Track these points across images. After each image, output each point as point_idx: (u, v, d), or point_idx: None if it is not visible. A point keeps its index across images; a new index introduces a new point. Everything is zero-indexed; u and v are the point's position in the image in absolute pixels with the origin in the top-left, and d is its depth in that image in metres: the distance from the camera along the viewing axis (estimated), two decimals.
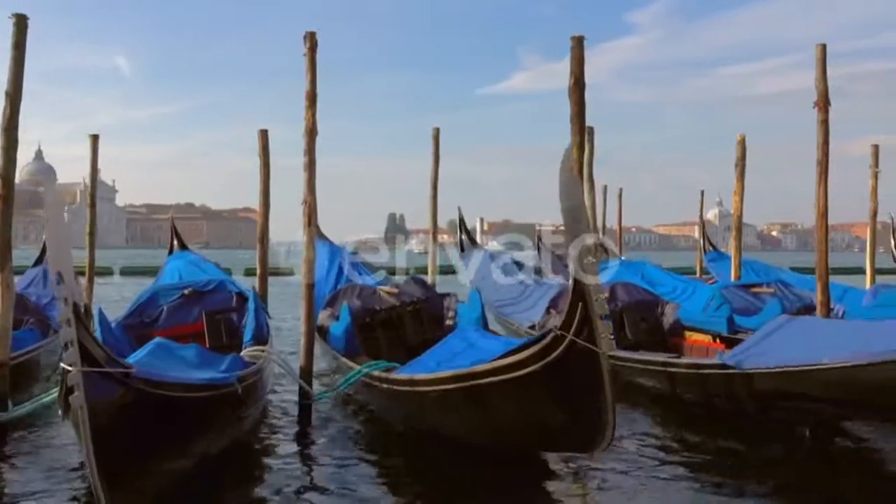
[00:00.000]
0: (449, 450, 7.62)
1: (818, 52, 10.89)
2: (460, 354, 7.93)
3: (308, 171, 9.59)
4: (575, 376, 6.16)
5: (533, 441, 6.92)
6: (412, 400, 7.84)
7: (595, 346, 5.97)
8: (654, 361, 10.09)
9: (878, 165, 17.96)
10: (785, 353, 8.27)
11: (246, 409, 7.91)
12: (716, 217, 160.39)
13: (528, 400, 6.48)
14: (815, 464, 7.90)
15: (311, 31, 9.58)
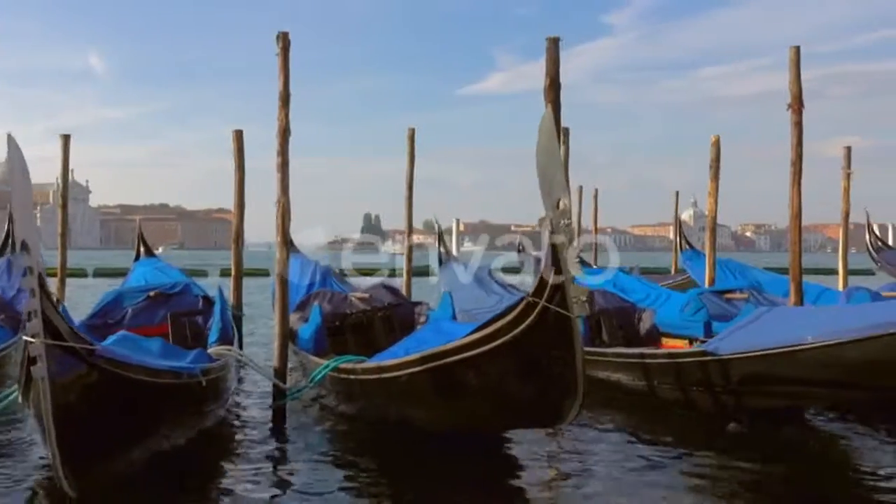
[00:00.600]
0: (419, 444, 7.58)
1: (792, 54, 10.95)
2: (429, 341, 7.74)
3: (281, 172, 9.53)
4: (547, 344, 6.11)
5: (503, 418, 6.86)
6: (381, 388, 7.77)
7: (567, 311, 5.93)
8: (631, 354, 10.10)
9: (851, 167, 18.10)
10: (764, 337, 8.24)
11: (210, 403, 7.87)
12: (690, 218, 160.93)
13: (500, 373, 6.41)
14: (793, 459, 7.87)
15: (283, 32, 9.52)
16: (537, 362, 6.24)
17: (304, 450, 8.30)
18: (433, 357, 6.80)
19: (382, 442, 8.18)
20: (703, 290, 14.71)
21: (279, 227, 9.59)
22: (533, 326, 6.09)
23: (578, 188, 27.93)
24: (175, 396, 6.80)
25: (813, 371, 7.68)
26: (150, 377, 6.22)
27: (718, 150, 16.39)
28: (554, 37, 10.27)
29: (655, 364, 9.60)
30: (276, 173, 9.59)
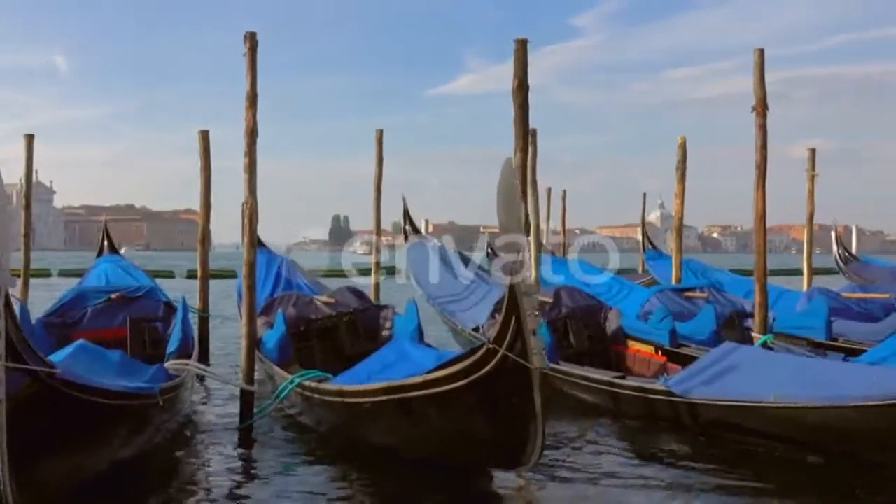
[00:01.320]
0: (381, 460, 7.60)
1: (756, 57, 11.03)
2: (392, 366, 7.90)
3: (248, 172, 9.47)
4: (506, 391, 6.13)
5: (461, 455, 6.88)
6: (343, 411, 7.80)
7: (527, 361, 5.94)
8: (600, 380, 10.12)
9: (815, 169, 18.31)
10: (730, 385, 8.40)
11: (166, 420, 7.84)
12: (658, 219, 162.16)
13: (458, 414, 6.45)
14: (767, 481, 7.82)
15: (251, 32, 9.47)
16: (497, 408, 6.26)
17: (262, 459, 8.29)
18: (396, 389, 6.83)
19: (349, 457, 8.12)
20: (664, 288, 14.85)
21: (246, 228, 9.54)
22: (492, 373, 6.11)
23: (547, 189, 28.07)
24: (131, 416, 6.79)
25: (775, 427, 7.90)
26: (107, 399, 6.19)
27: (685, 152, 16.53)
28: (522, 38, 10.29)
29: (622, 394, 9.69)
30: (244, 174, 9.53)
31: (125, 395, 6.54)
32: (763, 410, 7.88)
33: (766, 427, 7.97)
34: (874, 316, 13.92)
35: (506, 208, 6.03)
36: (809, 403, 7.51)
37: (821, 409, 7.41)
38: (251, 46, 9.45)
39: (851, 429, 7.28)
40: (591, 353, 11.93)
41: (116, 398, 6.36)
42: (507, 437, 6.28)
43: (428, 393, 6.51)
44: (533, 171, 14.83)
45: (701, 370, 8.94)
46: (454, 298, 15.25)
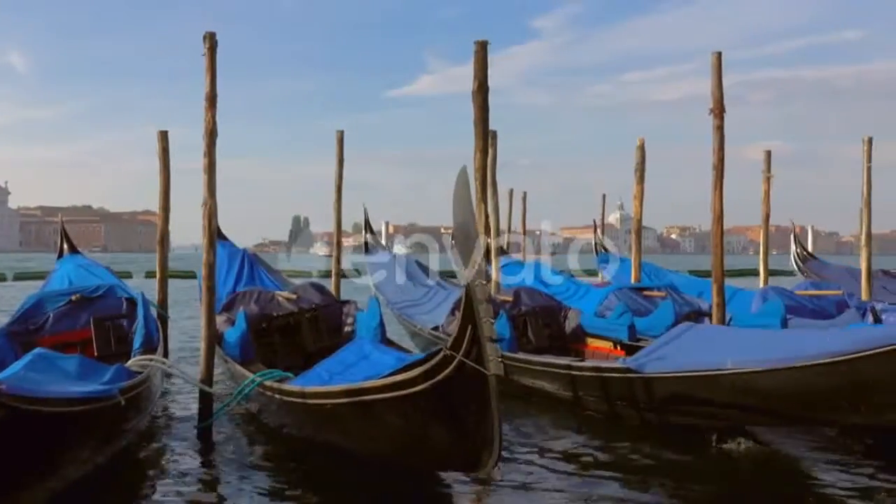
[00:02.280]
0: (342, 461, 7.62)
1: (714, 59, 11.15)
2: (353, 367, 7.92)
3: (208, 173, 9.42)
4: (463, 397, 6.18)
5: (420, 458, 6.92)
6: (303, 412, 7.80)
7: (483, 367, 6.00)
8: (557, 364, 10.19)
9: (771, 171, 18.55)
10: (687, 358, 8.44)
11: (130, 421, 7.73)
12: (617, 220, 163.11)
13: (415, 418, 6.50)
14: (718, 468, 8.05)
15: (210, 32, 9.42)
16: (454, 412, 6.32)
17: (224, 460, 8.28)
18: (356, 392, 6.87)
19: (310, 458, 8.14)
20: (622, 286, 15.00)
21: (205, 229, 9.49)
22: (449, 379, 6.16)
23: (509, 191, 28.13)
24: (91, 422, 6.63)
25: (731, 395, 7.93)
26: (61, 407, 6.05)
27: (643, 154, 16.65)
28: (482, 40, 10.33)
29: (581, 376, 9.75)
30: (203, 175, 9.48)
31: (83, 401, 6.39)
32: (720, 379, 7.90)
33: (725, 396, 7.98)
34: (827, 313, 14.13)
35: (461, 217, 6.10)
36: (766, 367, 7.56)
37: (777, 371, 7.47)
38: (210, 47, 9.40)
39: (807, 390, 7.34)
40: (551, 350, 12.04)
41: (73, 405, 6.22)
42: (464, 441, 6.34)
43: (387, 396, 6.54)
44: (493, 172, 14.89)
45: (658, 348, 9.02)
46: (414, 303, 15.37)
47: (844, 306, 14.17)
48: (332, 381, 7.65)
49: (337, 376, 7.75)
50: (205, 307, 9.52)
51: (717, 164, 11.18)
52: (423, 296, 15.66)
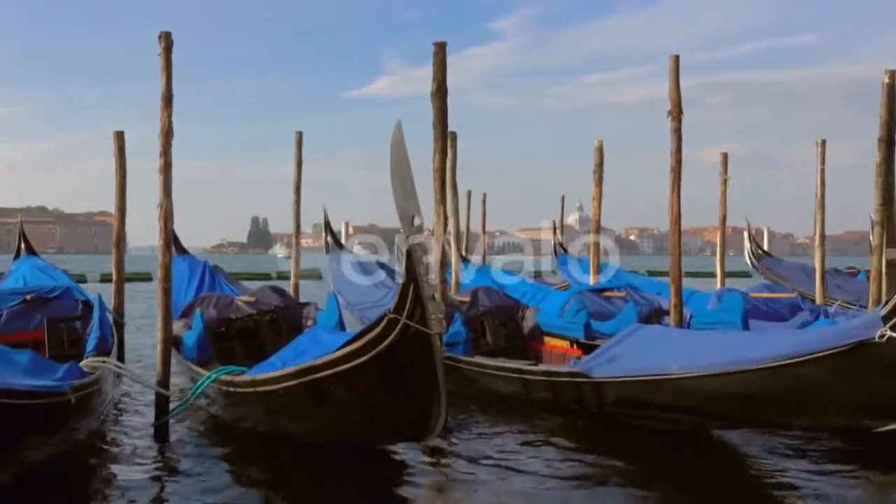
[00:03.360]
0: (308, 454, 7.56)
1: (672, 62, 11.24)
2: (306, 352, 7.81)
3: (164, 174, 9.30)
4: (409, 360, 6.22)
5: (370, 433, 6.95)
6: (258, 401, 7.75)
7: (427, 328, 6.03)
8: (510, 368, 10.22)
9: (728, 173, 18.75)
10: (634, 362, 8.47)
11: (80, 420, 7.61)
12: (576, 222, 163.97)
13: (365, 389, 6.52)
14: (674, 464, 8.10)
15: (165, 31, 9.31)
16: (401, 378, 6.36)
17: (182, 462, 8.16)
18: (305, 371, 6.85)
19: (269, 453, 8.07)
20: (582, 288, 15.08)
21: (161, 230, 9.38)
22: (395, 343, 6.20)
23: (467, 192, 28.14)
24: (39, 417, 6.52)
25: (678, 399, 7.97)
26: (10, 399, 5.96)
27: (602, 155, 16.76)
28: (441, 42, 10.34)
29: (533, 380, 9.77)
30: (159, 175, 9.37)
31: (31, 394, 6.30)
32: (666, 383, 7.94)
33: (671, 400, 8.03)
34: (781, 315, 14.28)
35: (400, 177, 6.11)
36: (711, 371, 7.57)
37: (722, 375, 7.49)
38: (166, 46, 9.29)
39: (751, 393, 7.39)
40: (509, 350, 12.07)
41: (20, 398, 6.12)
42: (412, 406, 6.38)
43: (335, 371, 6.56)
44: (452, 173, 14.91)
45: (607, 351, 9.04)
46: (373, 304, 15.30)
47: (798, 309, 14.34)
48: (285, 367, 7.57)
49: (290, 363, 7.67)
50: (161, 309, 9.41)
51: (674, 166, 11.27)
52: (384, 296, 15.61)
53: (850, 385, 6.85)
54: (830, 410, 7.15)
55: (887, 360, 6.60)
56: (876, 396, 6.80)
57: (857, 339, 6.72)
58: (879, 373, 6.68)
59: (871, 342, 6.60)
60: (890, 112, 10.82)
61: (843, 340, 6.84)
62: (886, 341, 6.53)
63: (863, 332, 6.73)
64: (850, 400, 6.94)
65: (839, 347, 6.81)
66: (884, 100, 10.86)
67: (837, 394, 6.97)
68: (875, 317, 6.76)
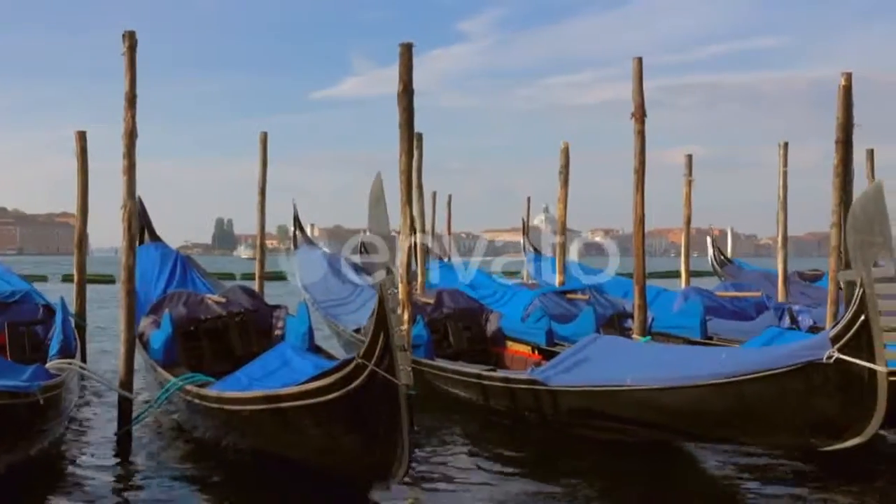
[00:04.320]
0: (259, 469, 7.57)
1: (635, 64, 11.30)
2: (274, 373, 7.85)
3: (128, 175, 9.23)
4: (374, 406, 6.24)
5: (332, 466, 6.91)
6: (222, 417, 7.74)
7: (394, 377, 6.06)
8: (469, 373, 10.25)
9: (692, 174, 18.90)
10: (591, 372, 8.55)
11: (47, 421, 7.54)
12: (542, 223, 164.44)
13: (328, 426, 6.54)
14: (627, 475, 8.11)
15: (129, 31, 9.23)
16: (365, 422, 6.38)
17: (144, 467, 8.12)
18: (272, 398, 6.87)
19: (232, 465, 8.04)
20: (546, 290, 15.14)
21: (125, 231, 9.29)
22: (361, 388, 6.23)
23: (433, 194, 28.13)
24: (8, 418, 6.47)
25: (631, 411, 8.07)
26: None
27: (568, 157, 16.81)
28: (407, 42, 10.32)
29: (491, 386, 9.81)
30: (122, 176, 9.29)
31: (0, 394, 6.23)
32: (620, 394, 8.03)
33: (625, 411, 8.11)
34: (747, 314, 14.46)
35: (377, 225, 6.15)
36: (664, 384, 7.68)
37: (674, 389, 7.59)
38: (130, 45, 9.21)
39: (702, 408, 7.48)
40: (471, 354, 12.12)
41: None
42: (374, 451, 6.39)
43: (301, 404, 6.56)
44: (419, 174, 14.90)
45: (565, 359, 9.11)
46: (340, 302, 15.24)
47: (763, 308, 14.52)
48: (251, 386, 7.59)
49: (256, 382, 7.69)
50: (124, 311, 9.32)
51: (638, 168, 11.34)
52: (350, 294, 15.52)
53: (798, 404, 6.97)
54: (779, 428, 7.26)
55: (834, 382, 6.74)
56: (823, 417, 6.91)
57: (805, 359, 6.86)
58: (826, 393, 6.81)
59: (819, 363, 6.74)
60: (847, 114, 10.93)
61: (792, 360, 6.97)
62: (834, 363, 6.66)
63: (811, 352, 6.86)
64: (798, 419, 7.06)
65: (788, 367, 6.94)
66: (841, 102, 10.97)
67: (786, 412, 7.09)
68: (823, 338, 6.88)
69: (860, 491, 7.55)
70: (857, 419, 6.71)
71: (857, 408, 6.69)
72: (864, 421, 6.67)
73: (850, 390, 6.69)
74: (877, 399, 6.57)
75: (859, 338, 6.56)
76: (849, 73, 11.05)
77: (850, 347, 6.60)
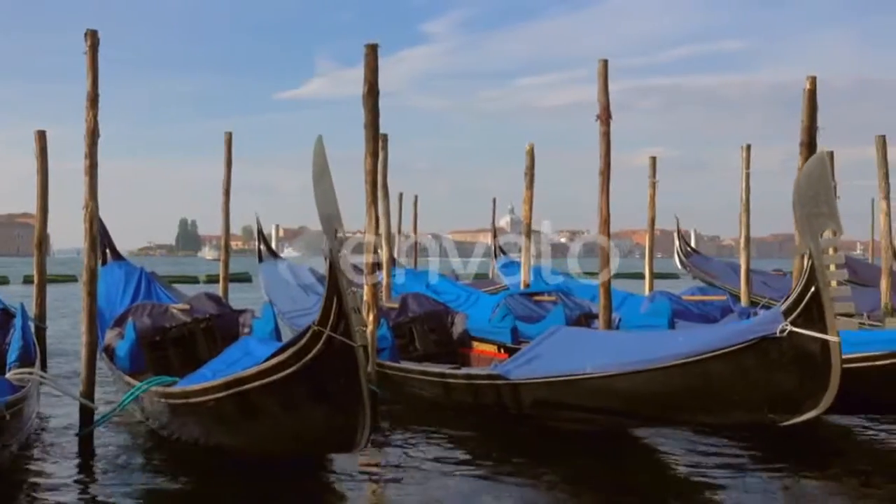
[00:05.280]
0: (234, 467, 7.51)
1: (600, 67, 11.35)
2: (237, 362, 7.79)
3: (89, 175, 9.12)
4: (334, 372, 6.27)
5: (300, 445, 6.92)
6: (188, 413, 7.67)
7: (351, 340, 6.11)
8: (433, 372, 10.28)
9: (656, 176, 19.05)
10: (552, 363, 8.55)
11: (11, 436, 7.46)
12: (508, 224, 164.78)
13: (293, 400, 6.55)
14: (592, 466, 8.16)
15: (91, 29, 9.13)
16: (326, 390, 6.40)
17: (112, 476, 7.97)
18: (233, 383, 6.85)
19: (199, 466, 7.96)
20: (512, 293, 15.20)
21: (87, 232, 9.18)
22: (320, 355, 6.26)
23: (399, 195, 28.14)
24: None
25: (593, 399, 8.09)
26: None
27: (533, 158, 16.87)
28: (372, 43, 10.30)
29: (455, 384, 9.83)
30: (84, 176, 9.19)
31: None
32: (581, 383, 8.05)
33: (587, 400, 8.13)
34: (712, 317, 14.55)
35: (322, 190, 6.16)
36: (622, 370, 7.72)
37: (632, 374, 7.64)
38: (92, 45, 9.12)
39: (661, 391, 7.53)
40: (438, 356, 12.14)
41: None
42: (338, 418, 6.41)
43: (262, 383, 6.57)
44: (384, 175, 14.86)
45: (526, 353, 9.14)
46: (305, 312, 15.17)
47: (728, 311, 14.64)
48: (216, 378, 7.50)
49: (221, 374, 7.62)
50: (86, 313, 9.20)
51: (603, 170, 11.38)
52: (315, 304, 15.48)
53: (754, 380, 7.03)
54: (737, 406, 7.29)
55: (788, 355, 6.80)
56: (779, 391, 6.96)
57: (759, 334, 6.92)
58: (781, 367, 6.87)
59: (773, 337, 6.80)
60: (811, 117, 11.05)
61: (746, 336, 7.03)
62: (787, 336, 6.73)
63: (764, 327, 6.92)
64: (756, 395, 7.10)
65: (742, 343, 7.00)
66: (805, 105, 11.09)
67: (743, 389, 7.14)
68: (776, 312, 6.92)
69: (818, 475, 7.68)
70: (813, 391, 6.76)
71: (813, 379, 6.74)
72: (820, 392, 6.71)
73: (805, 362, 6.74)
74: (831, 369, 6.62)
75: (810, 309, 6.62)
76: (813, 76, 11.18)
77: (803, 319, 6.65)
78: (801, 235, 6.74)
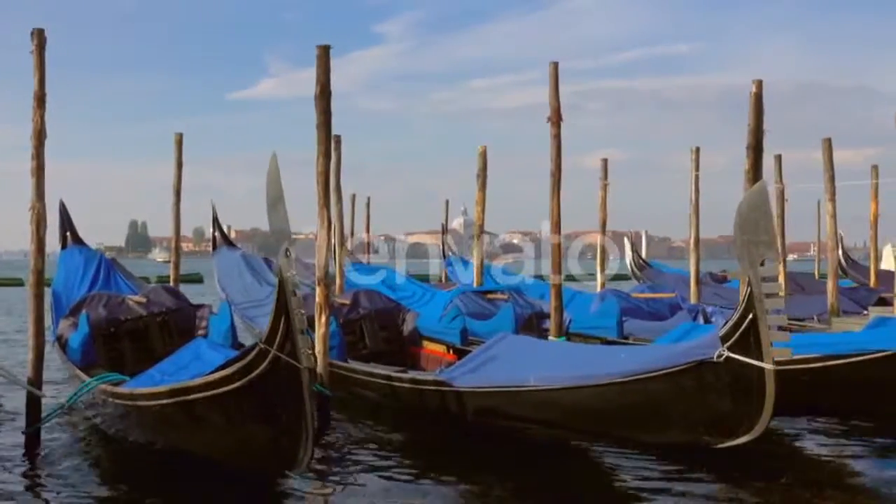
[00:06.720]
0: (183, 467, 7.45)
1: (551, 69, 11.45)
2: (186, 367, 7.78)
3: (36, 177, 9.02)
4: (278, 391, 6.26)
5: (242, 459, 6.88)
6: (135, 415, 7.66)
7: (297, 361, 6.10)
8: (380, 374, 10.27)
9: (607, 178, 19.24)
10: (497, 372, 8.58)
11: None
12: (461, 225, 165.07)
13: (235, 416, 6.54)
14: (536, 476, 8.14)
15: (38, 28, 9.03)
16: (269, 409, 6.38)
17: (58, 475, 7.91)
18: (179, 392, 6.83)
19: (145, 465, 7.92)
20: (465, 289, 15.25)
21: (34, 234, 9.08)
22: (265, 374, 6.25)
23: (351, 196, 28.10)
24: None
25: (534, 411, 8.15)
26: None
27: (485, 160, 16.93)
28: (324, 45, 10.28)
29: (401, 387, 9.84)
30: (31, 177, 9.08)
31: None
32: (523, 394, 8.10)
33: (529, 412, 8.18)
34: (661, 314, 14.77)
35: (274, 207, 6.18)
36: (564, 384, 7.77)
37: (574, 388, 7.69)
38: (39, 44, 9.02)
39: (601, 407, 7.59)
40: (387, 354, 12.10)
41: None
42: (280, 438, 6.39)
43: (207, 395, 6.56)
44: (337, 176, 14.83)
45: (472, 359, 9.14)
46: (257, 304, 15.10)
47: (677, 308, 14.86)
48: (163, 382, 7.51)
49: (168, 377, 7.61)
50: (32, 314, 9.11)
51: (554, 172, 11.48)
52: (267, 296, 15.40)
53: (691, 402, 7.14)
54: (673, 426, 7.40)
55: (725, 380, 6.91)
56: (715, 415, 7.08)
57: (697, 357, 7.03)
58: (717, 392, 6.98)
59: (710, 361, 6.92)
60: (758, 120, 11.22)
61: (685, 359, 7.14)
62: (724, 361, 6.85)
63: (703, 351, 7.03)
64: (692, 417, 7.22)
65: (681, 365, 7.11)
66: (752, 108, 11.26)
67: (680, 410, 7.25)
68: (714, 337, 7.02)
69: (763, 488, 7.68)
70: (747, 416, 6.88)
71: (748, 405, 6.85)
72: (755, 418, 6.84)
73: (740, 388, 6.85)
74: (765, 396, 6.74)
75: (748, 336, 6.72)
76: (759, 80, 11.35)
77: (739, 346, 6.76)
78: (740, 262, 6.83)
